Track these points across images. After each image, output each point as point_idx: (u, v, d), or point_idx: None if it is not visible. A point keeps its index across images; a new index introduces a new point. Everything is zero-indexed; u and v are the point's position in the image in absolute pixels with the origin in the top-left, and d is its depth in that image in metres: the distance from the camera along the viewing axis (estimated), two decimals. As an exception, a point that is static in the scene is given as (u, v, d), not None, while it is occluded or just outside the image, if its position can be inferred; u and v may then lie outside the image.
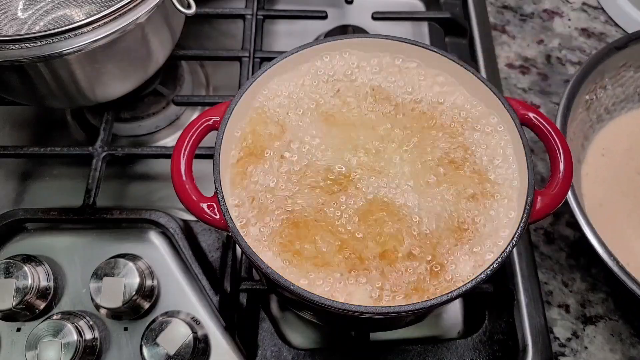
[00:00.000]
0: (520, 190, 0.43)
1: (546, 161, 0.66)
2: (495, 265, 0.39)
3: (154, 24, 0.54)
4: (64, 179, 0.64)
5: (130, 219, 0.54)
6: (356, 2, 0.75)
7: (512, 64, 0.75)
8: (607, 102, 0.64)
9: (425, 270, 0.41)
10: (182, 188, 0.42)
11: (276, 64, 0.47)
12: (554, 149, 0.44)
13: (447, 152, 0.46)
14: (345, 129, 0.47)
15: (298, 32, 0.76)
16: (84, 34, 0.48)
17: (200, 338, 0.48)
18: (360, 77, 0.49)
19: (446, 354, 0.52)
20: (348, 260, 0.41)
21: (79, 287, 0.51)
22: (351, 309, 0.37)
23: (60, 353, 0.46)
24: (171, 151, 0.44)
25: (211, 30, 0.76)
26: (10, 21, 0.60)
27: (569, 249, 0.61)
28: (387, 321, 0.49)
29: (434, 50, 0.48)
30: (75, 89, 0.54)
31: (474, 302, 0.57)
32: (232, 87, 0.68)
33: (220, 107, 0.45)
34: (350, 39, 0.49)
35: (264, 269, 0.38)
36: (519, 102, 0.46)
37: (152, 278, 0.51)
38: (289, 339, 0.55)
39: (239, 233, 0.40)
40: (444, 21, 0.72)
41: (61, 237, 0.53)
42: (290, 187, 0.44)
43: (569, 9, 0.80)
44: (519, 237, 0.40)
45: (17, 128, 0.68)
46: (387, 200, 0.43)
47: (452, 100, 0.48)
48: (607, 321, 0.57)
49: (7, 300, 0.47)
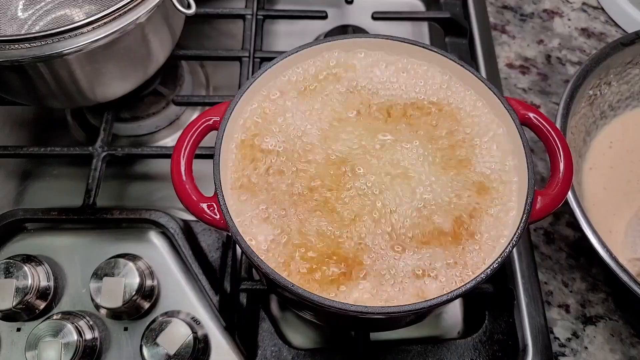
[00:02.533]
0: (520, 190, 0.43)
1: (546, 161, 0.66)
2: (495, 265, 0.39)
3: (154, 24, 0.54)
4: (64, 179, 0.64)
5: (130, 219, 0.54)
6: (356, 2, 0.75)
7: (512, 64, 0.75)
8: (611, 99, 0.64)
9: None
10: (182, 188, 0.42)
11: (276, 64, 0.47)
12: (554, 149, 0.44)
13: (446, 152, 0.46)
14: (346, 129, 0.47)
15: (298, 32, 0.76)
16: (84, 34, 0.48)
17: (200, 338, 0.48)
18: (360, 78, 0.49)
19: (446, 354, 0.52)
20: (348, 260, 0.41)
21: (79, 287, 0.51)
22: (351, 309, 0.37)
23: (60, 353, 0.46)
24: (171, 151, 0.44)
25: (211, 30, 0.76)
26: (10, 21, 0.60)
27: (569, 249, 0.61)
28: (387, 321, 0.49)
29: (434, 50, 0.48)
30: (75, 89, 0.54)
31: (474, 302, 0.57)
32: (232, 87, 0.68)
33: (220, 107, 0.45)
34: (350, 39, 0.49)
35: (264, 268, 0.38)
36: (519, 102, 0.46)
37: (152, 278, 0.51)
38: (289, 339, 0.55)
39: (239, 233, 0.40)
40: (444, 21, 0.72)
41: (61, 237, 0.53)
42: (291, 187, 0.44)
43: (569, 9, 0.80)
44: (519, 237, 0.40)
45: (17, 128, 0.68)
46: (384, 204, 0.43)
47: (454, 101, 0.48)
48: (607, 321, 0.57)
49: (7, 300, 0.47)
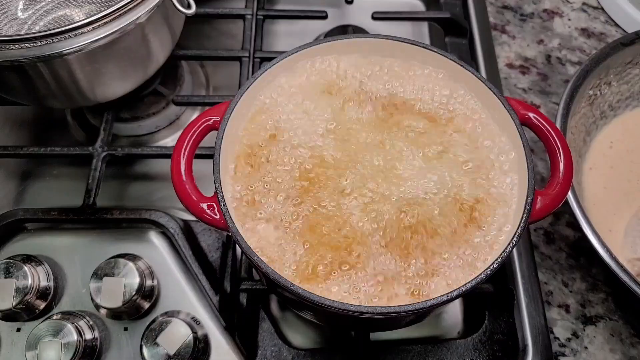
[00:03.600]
0: (520, 191, 0.43)
1: (546, 161, 0.66)
2: (495, 265, 0.39)
3: (154, 24, 0.54)
4: (64, 179, 0.64)
5: (130, 219, 0.54)
6: (356, 2, 0.75)
7: (512, 64, 0.75)
8: (611, 99, 0.64)
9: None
10: (182, 188, 0.42)
11: (276, 64, 0.47)
12: (554, 149, 0.44)
13: (445, 152, 0.46)
14: (346, 128, 0.47)
15: (298, 32, 0.76)
16: (84, 34, 0.48)
17: (200, 338, 0.48)
18: (359, 77, 0.49)
19: (446, 354, 0.52)
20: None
21: (79, 287, 0.51)
22: (351, 309, 0.37)
23: (60, 353, 0.46)
24: (171, 151, 0.44)
25: (211, 30, 0.76)
26: (10, 21, 0.60)
27: (569, 249, 0.61)
28: (387, 321, 0.48)
29: (435, 50, 0.48)
30: (75, 89, 0.54)
31: (474, 302, 0.57)
32: (232, 87, 0.68)
33: (220, 107, 0.45)
34: (350, 39, 0.49)
35: (264, 268, 0.38)
36: (519, 102, 0.46)
37: (152, 278, 0.51)
38: (289, 339, 0.55)
39: (239, 233, 0.40)
40: (444, 21, 0.72)
41: (61, 237, 0.53)
42: (292, 186, 0.44)
43: (569, 9, 0.80)
44: (519, 237, 0.40)
45: (17, 128, 0.68)
46: (383, 203, 0.43)
47: (454, 102, 0.48)
48: (607, 321, 0.57)
49: (7, 300, 0.47)
